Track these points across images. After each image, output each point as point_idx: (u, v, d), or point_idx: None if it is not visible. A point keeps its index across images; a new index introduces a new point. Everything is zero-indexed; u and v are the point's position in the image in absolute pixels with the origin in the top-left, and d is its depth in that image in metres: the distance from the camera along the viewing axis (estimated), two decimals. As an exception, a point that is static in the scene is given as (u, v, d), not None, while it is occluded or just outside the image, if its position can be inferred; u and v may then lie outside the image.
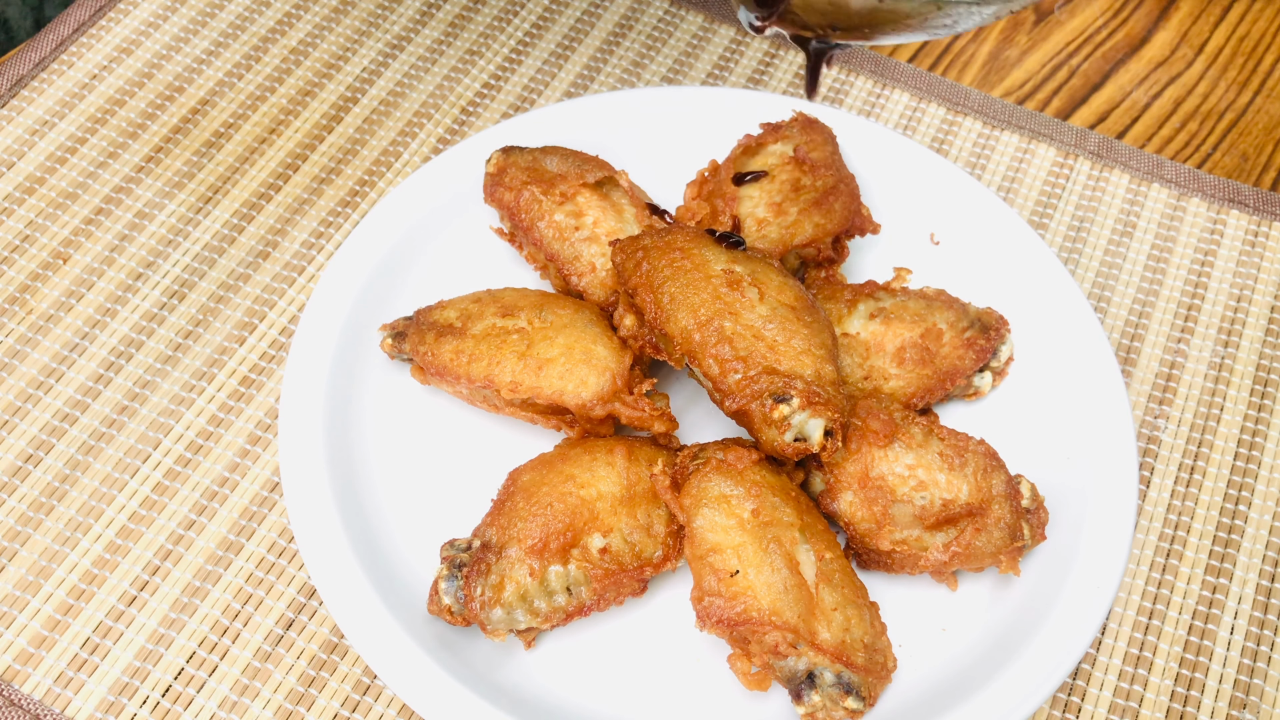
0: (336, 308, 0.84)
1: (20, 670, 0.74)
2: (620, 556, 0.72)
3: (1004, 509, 0.73)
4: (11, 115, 0.99)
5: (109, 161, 0.97)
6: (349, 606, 0.71)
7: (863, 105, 1.04)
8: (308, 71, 1.04)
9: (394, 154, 0.99)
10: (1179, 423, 0.88)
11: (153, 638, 0.76)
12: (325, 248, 0.94)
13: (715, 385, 0.74)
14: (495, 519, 0.73)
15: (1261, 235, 0.98)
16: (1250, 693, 0.77)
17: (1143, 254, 0.96)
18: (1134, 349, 0.91)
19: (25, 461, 0.82)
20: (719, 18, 1.09)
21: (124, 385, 0.86)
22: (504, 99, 1.03)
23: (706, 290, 0.74)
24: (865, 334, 0.82)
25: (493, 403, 0.80)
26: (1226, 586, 0.81)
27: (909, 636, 0.75)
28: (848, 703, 0.68)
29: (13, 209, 0.94)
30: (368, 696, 0.74)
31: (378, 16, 1.08)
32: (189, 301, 0.90)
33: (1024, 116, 1.04)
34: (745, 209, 0.85)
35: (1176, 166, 1.01)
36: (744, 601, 0.67)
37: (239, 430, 0.84)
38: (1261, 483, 0.85)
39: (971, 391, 0.84)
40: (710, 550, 0.69)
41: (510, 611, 0.70)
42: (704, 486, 0.71)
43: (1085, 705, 0.76)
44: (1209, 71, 1.10)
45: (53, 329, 0.88)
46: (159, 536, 0.80)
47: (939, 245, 0.91)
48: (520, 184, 0.85)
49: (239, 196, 0.96)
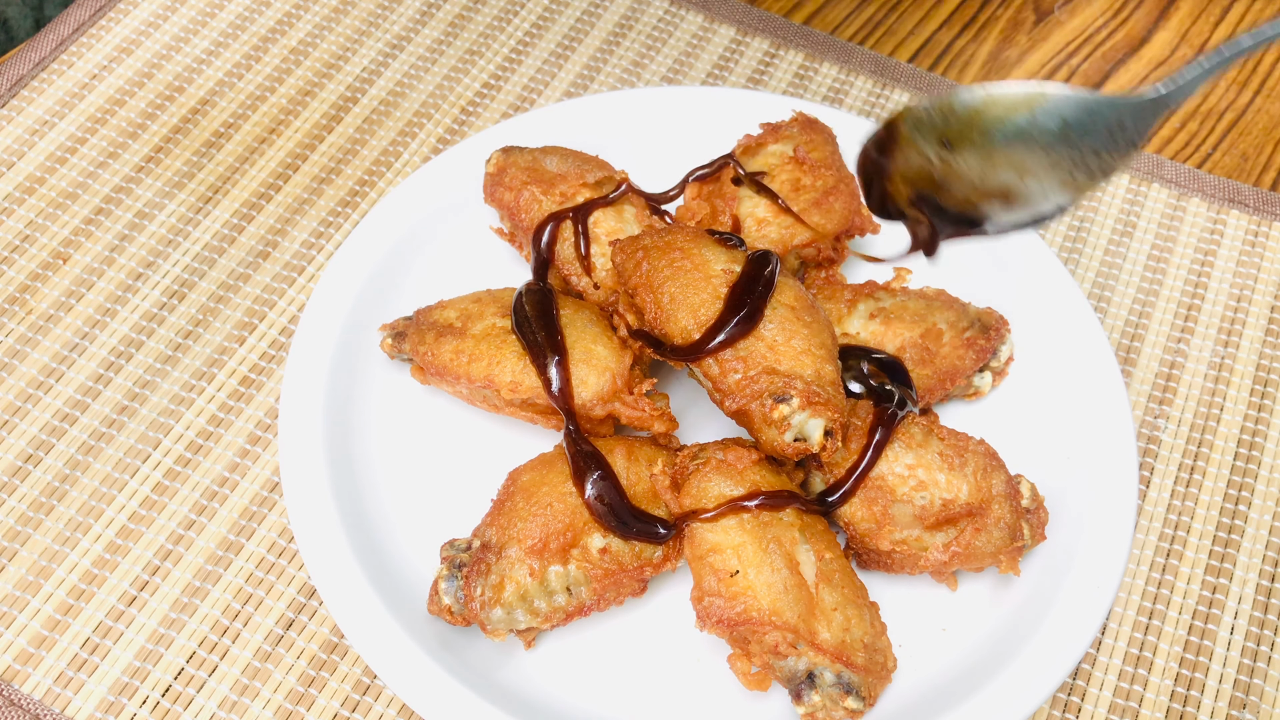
0: (336, 308, 0.84)
1: (20, 670, 0.74)
2: (620, 556, 0.72)
3: (1004, 509, 0.73)
4: (11, 115, 0.99)
5: (109, 161, 0.97)
6: (349, 606, 0.71)
7: (863, 105, 1.04)
8: (308, 71, 1.04)
9: (394, 154, 0.99)
10: (1179, 423, 0.88)
11: (153, 638, 0.76)
12: (325, 248, 0.94)
13: (715, 385, 0.74)
14: (495, 519, 0.73)
15: (1261, 235, 0.98)
16: (1250, 693, 0.77)
17: (1143, 254, 0.96)
18: (1134, 349, 0.91)
19: (25, 461, 0.82)
20: (719, 18, 1.09)
21: (124, 385, 0.86)
22: (504, 99, 1.03)
23: (706, 290, 0.74)
24: (865, 334, 0.82)
25: (493, 403, 0.80)
26: (1226, 586, 0.81)
27: (909, 636, 0.75)
28: (848, 703, 0.68)
29: (13, 209, 0.94)
30: (368, 696, 0.74)
31: (378, 16, 1.08)
32: (189, 301, 0.90)
33: (1024, 116, 1.04)
34: (745, 209, 0.85)
35: (1176, 166, 1.01)
36: (744, 601, 0.67)
37: (239, 430, 0.84)
38: (1261, 483, 0.85)
39: (971, 391, 0.84)
40: (710, 550, 0.69)
41: (510, 611, 0.70)
42: (704, 486, 0.71)
43: (1085, 705, 0.76)
44: (1209, 71, 1.10)
45: (53, 329, 0.88)
46: (159, 536, 0.80)
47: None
48: (520, 184, 0.85)
49: (239, 196, 0.96)
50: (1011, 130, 0.63)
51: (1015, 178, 0.64)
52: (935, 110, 0.65)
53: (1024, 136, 0.63)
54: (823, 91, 1.05)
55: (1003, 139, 0.63)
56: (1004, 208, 0.66)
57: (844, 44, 1.08)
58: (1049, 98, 0.62)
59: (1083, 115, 0.62)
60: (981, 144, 0.64)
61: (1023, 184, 0.64)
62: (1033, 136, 0.63)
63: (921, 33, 1.12)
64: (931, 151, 0.65)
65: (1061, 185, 0.63)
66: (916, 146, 0.65)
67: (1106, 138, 0.62)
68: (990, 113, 0.63)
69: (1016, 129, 0.63)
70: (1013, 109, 0.63)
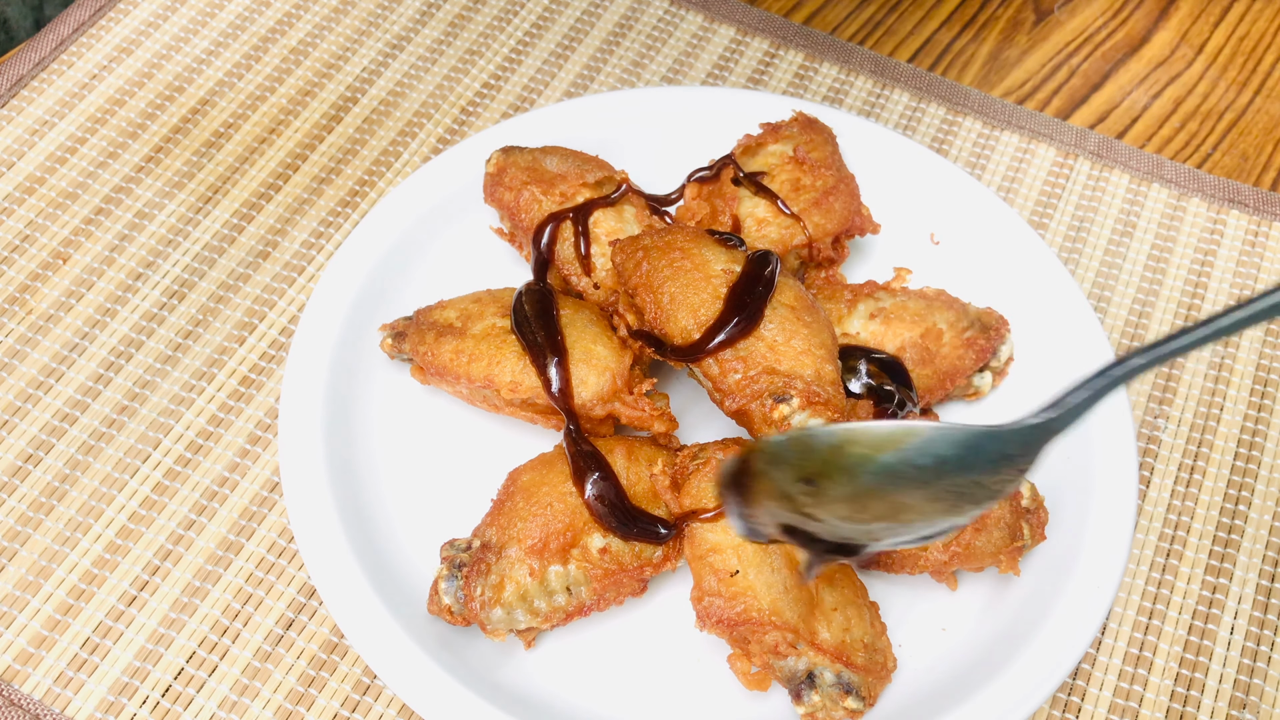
0: (336, 308, 0.84)
1: (20, 670, 0.74)
2: (620, 556, 0.72)
3: (1004, 509, 0.73)
4: (11, 115, 0.99)
5: (109, 161, 0.97)
6: (349, 606, 0.71)
7: (863, 105, 1.04)
8: (308, 71, 1.04)
9: (394, 154, 0.99)
10: (1179, 423, 0.88)
11: (153, 638, 0.76)
12: (325, 248, 0.94)
13: (715, 385, 0.74)
14: (495, 519, 0.73)
15: (1261, 235, 0.98)
16: (1250, 693, 0.77)
17: (1143, 254, 0.96)
18: (1134, 349, 0.91)
19: (25, 461, 0.82)
20: (719, 18, 1.09)
21: (124, 385, 0.86)
22: (504, 99, 1.03)
23: (706, 290, 0.74)
24: (865, 334, 0.82)
25: (493, 403, 0.80)
26: (1226, 586, 0.81)
27: (909, 636, 0.75)
28: (848, 703, 0.68)
29: (13, 209, 0.94)
30: (368, 696, 0.74)
31: (378, 16, 1.08)
32: (189, 301, 0.90)
33: (1024, 116, 1.04)
34: (745, 209, 0.85)
35: (1176, 166, 1.01)
36: (744, 601, 0.67)
37: (239, 430, 0.84)
38: (1261, 483, 0.85)
39: (971, 391, 0.84)
40: (710, 550, 0.69)
41: (510, 611, 0.70)
42: (704, 486, 0.71)
43: (1085, 705, 0.76)
44: (1209, 71, 1.10)
45: (53, 329, 0.88)
46: (159, 536, 0.80)
47: (939, 245, 0.91)
48: (520, 184, 0.85)
49: (239, 196, 0.96)
50: (879, 469, 0.56)
51: (891, 513, 0.57)
52: (791, 446, 0.57)
53: (894, 475, 0.56)
54: (823, 92, 1.05)
55: (870, 479, 0.56)
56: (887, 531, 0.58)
57: (844, 44, 1.08)
58: (919, 435, 0.56)
59: (960, 451, 0.55)
60: (847, 483, 0.57)
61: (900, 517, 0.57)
62: (905, 475, 0.56)
63: (921, 33, 1.12)
64: (793, 488, 0.57)
65: (947, 514, 0.57)
66: (775, 483, 0.58)
67: (990, 470, 0.56)
68: (852, 450, 0.56)
69: (884, 467, 0.56)
70: (877, 447, 0.56)
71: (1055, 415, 0.56)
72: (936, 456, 0.55)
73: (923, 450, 0.56)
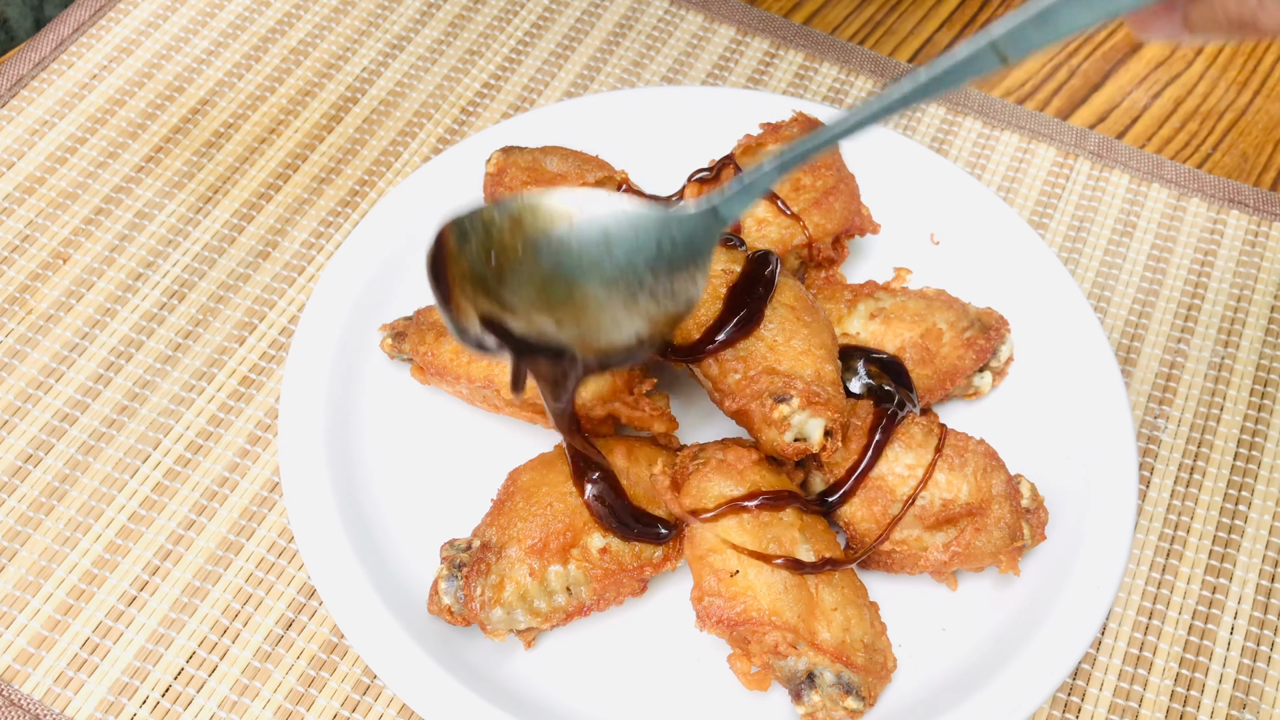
0: (336, 308, 0.84)
1: (20, 670, 0.74)
2: (620, 556, 0.72)
3: (1004, 509, 0.73)
4: (11, 115, 0.99)
5: (109, 161, 0.97)
6: (349, 606, 0.71)
7: (863, 105, 1.04)
8: (308, 71, 1.04)
9: (394, 154, 0.99)
10: (1179, 423, 0.88)
11: (153, 638, 0.76)
12: (325, 248, 0.94)
13: (715, 385, 0.74)
14: (495, 519, 0.73)
15: (1261, 235, 0.98)
16: (1250, 693, 0.77)
17: (1143, 254, 0.96)
18: (1134, 349, 0.91)
19: (25, 461, 0.82)
20: (719, 18, 1.09)
21: (124, 385, 0.86)
22: (504, 99, 1.03)
23: (706, 290, 0.74)
24: (865, 334, 0.82)
25: (493, 403, 0.80)
26: (1226, 586, 0.81)
27: (909, 636, 0.75)
28: (848, 703, 0.68)
29: (13, 209, 0.94)
30: (368, 696, 0.74)
31: (378, 16, 1.08)
32: (189, 301, 0.90)
33: (1024, 116, 1.04)
34: (745, 209, 0.84)
35: (1176, 166, 1.01)
36: (744, 601, 0.67)
37: (239, 430, 0.84)
38: (1261, 483, 0.85)
39: (971, 391, 0.84)
40: (710, 550, 0.69)
41: (510, 611, 0.70)
42: (704, 486, 0.71)
43: (1085, 705, 0.76)
44: (1209, 71, 1.10)
45: (53, 329, 0.88)
46: (159, 536, 0.80)
47: (939, 245, 0.91)
48: (520, 184, 0.85)
49: (239, 196, 0.96)
50: (554, 245, 0.56)
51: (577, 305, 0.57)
52: (477, 219, 0.57)
53: (566, 250, 0.56)
54: (823, 91, 1.05)
55: (549, 258, 0.57)
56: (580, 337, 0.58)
57: (844, 44, 1.08)
58: (589, 208, 0.56)
59: (626, 229, 0.56)
60: (527, 258, 0.57)
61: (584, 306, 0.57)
62: (575, 250, 0.56)
63: (921, 33, 1.12)
64: (483, 268, 0.57)
65: (628, 310, 0.57)
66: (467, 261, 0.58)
67: (656, 254, 0.56)
68: (529, 223, 0.56)
69: (558, 240, 0.56)
70: (551, 219, 0.56)
71: (718, 203, 0.56)
72: (604, 230, 0.56)
73: (592, 223, 0.56)
